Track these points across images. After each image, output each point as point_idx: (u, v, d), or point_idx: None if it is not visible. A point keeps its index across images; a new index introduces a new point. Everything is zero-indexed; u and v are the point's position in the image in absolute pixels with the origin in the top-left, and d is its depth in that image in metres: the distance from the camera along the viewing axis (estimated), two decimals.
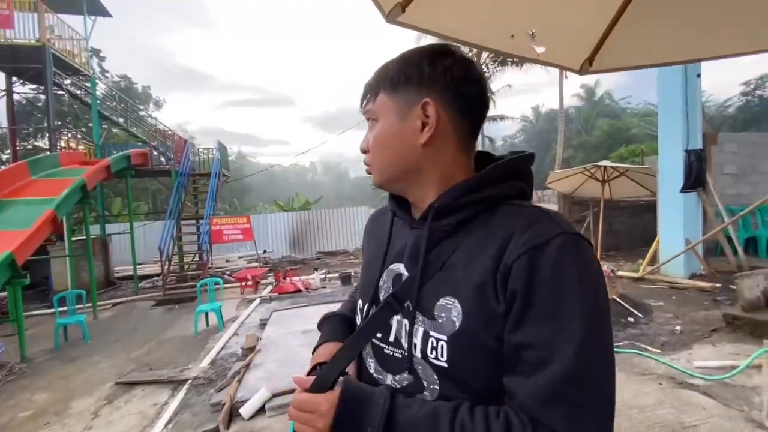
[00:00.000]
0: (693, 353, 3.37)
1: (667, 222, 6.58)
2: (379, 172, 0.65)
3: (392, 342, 0.62)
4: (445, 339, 0.55)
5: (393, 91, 0.61)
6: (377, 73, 0.65)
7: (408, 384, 0.59)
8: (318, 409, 0.56)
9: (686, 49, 1.59)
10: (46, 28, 9.11)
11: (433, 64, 0.59)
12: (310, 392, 0.59)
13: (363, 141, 0.68)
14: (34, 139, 19.96)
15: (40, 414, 3.41)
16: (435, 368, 0.56)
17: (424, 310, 0.57)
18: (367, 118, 0.66)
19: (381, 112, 0.62)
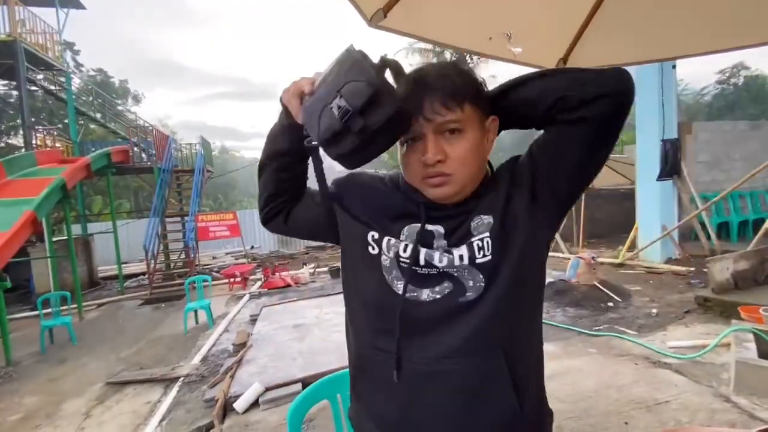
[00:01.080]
0: (667, 334, 3.55)
1: (645, 209, 6.81)
2: (462, 184, 0.68)
3: (424, 264, 0.70)
4: (487, 234, 0.68)
5: (476, 104, 0.68)
6: (451, 83, 0.66)
7: (448, 292, 0.69)
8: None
9: (656, 48, 1.67)
10: (17, 22, 8.78)
11: (485, 86, 0.72)
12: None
13: (436, 152, 0.66)
14: (7, 136, 19.30)
15: (30, 417, 3.39)
16: (481, 267, 0.67)
17: (461, 239, 0.70)
18: (442, 129, 0.66)
19: (468, 123, 0.66)
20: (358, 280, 0.77)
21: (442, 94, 0.65)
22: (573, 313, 4.43)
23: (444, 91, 0.65)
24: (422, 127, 0.66)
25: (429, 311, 0.69)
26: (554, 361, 3.19)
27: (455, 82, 0.66)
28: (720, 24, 1.44)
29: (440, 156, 0.66)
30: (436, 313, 0.68)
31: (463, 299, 0.67)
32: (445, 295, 0.68)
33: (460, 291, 0.68)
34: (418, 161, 0.68)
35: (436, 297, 0.69)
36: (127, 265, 10.53)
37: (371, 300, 0.74)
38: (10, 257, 5.05)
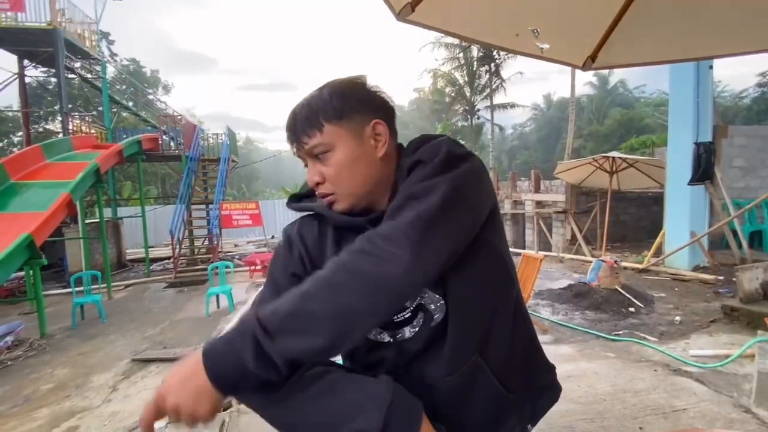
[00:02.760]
0: (690, 343, 3.44)
1: (673, 214, 6.59)
2: (349, 195, 0.71)
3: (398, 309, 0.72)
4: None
5: (339, 120, 0.69)
6: (308, 111, 0.70)
7: (422, 321, 0.72)
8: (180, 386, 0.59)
9: (690, 47, 1.62)
10: (57, 11, 9.16)
11: (365, 92, 0.73)
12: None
13: (313, 175, 0.71)
14: (45, 122, 20.24)
15: (61, 387, 3.60)
16: (433, 286, 0.70)
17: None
18: (313, 154, 0.71)
19: (335, 141, 0.69)
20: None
21: (301, 126, 0.70)
22: (592, 316, 4.35)
23: (301, 122, 0.70)
24: (301, 156, 0.74)
25: (414, 344, 0.73)
26: (570, 363, 3.15)
27: (311, 108, 0.70)
28: (759, 23, 1.39)
29: (317, 178, 0.72)
30: (420, 344, 0.73)
31: (433, 323, 0.72)
32: (421, 326, 0.73)
33: (430, 316, 0.72)
34: (311, 181, 0.74)
35: (415, 330, 0.73)
36: (153, 249, 10.94)
37: (361, 351, 0.77)
38: (47, 236, 5.34)
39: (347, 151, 0.69)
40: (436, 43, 21.09)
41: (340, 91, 0.71)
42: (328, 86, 0.72)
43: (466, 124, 24.63)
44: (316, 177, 0.71)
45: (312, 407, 0.61)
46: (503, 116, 24.75)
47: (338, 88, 0.71)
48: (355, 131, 0.70)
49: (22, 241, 4.61)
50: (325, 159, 0.70)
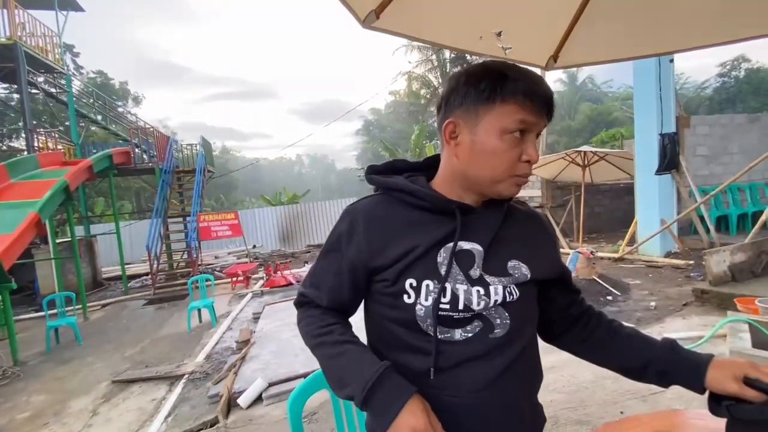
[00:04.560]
0: (665, 326, 3.59)
1: (644, 204, 6.84)
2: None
3: (461, 309, 0.71)
4: (515, 285, 0.75)
5: None
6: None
7: (479, 330, 0.73)
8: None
9: (650, 43, 1.68)
10: (17, 25, 8.83)
11: None
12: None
13: (537, 152, 0.71)
14: (9, 140, 19.40)
15: (38, 415, 3.45)
16: (507, 307, 0.73)
17: (499, 270, 0.75)
18: (538, 133, 0.71)
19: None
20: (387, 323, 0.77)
21: (547, 101, 0.69)
22: None
23: (549, 98, 0.69)
24: (535, 126, 0.69)
25: (462, 349, 0.71)
26: (552, 354, 3.21)
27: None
28: (715, 16, 1.44)
29: (536, 156, 0.71)
30: (468, 351, 0.71)
31: (492, 335, 0.72)
32: (476, 333, 0.72)
33: (490, 328, 0.72)
34: (516, 157, 0.69)
35: (468, 336, 0.72)
36: (130, 265, 10.61)
37: (403, 340, 0.74)
38: (15, 259, 5.11)
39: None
40: (408, 46, 21.28)
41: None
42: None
43: None
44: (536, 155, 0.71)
45: (330, 363, 0.75)
46: None
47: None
48: None
49: None
50: (537, 143, 0.72)
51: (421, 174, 0.82)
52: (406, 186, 0.76)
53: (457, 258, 0.73)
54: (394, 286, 0.73)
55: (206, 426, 2.80)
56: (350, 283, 0.78)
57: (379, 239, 0.75)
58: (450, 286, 0.71)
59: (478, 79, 0.69)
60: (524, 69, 0.70)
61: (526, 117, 0.67)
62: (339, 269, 0.78)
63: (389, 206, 0.78)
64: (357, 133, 38.57)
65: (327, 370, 0.76)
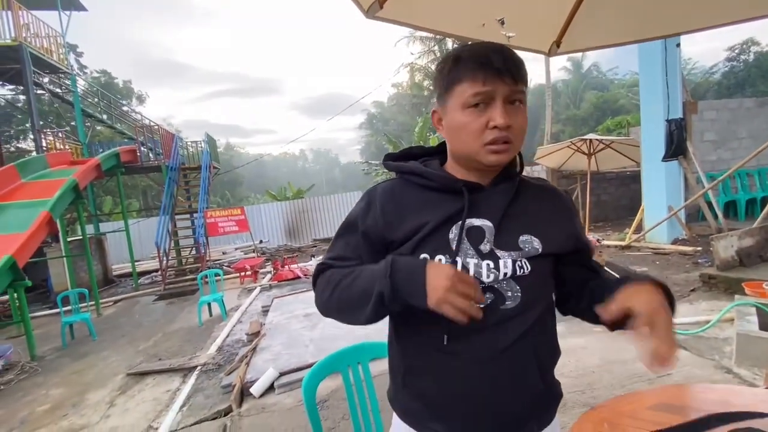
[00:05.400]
0: None
1: (651, 191, 6.79)
2: (515, 150, 0.75)
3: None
4: (527, 259, 0.77)
5: (526, 85, 0.74)
6: (519, 61, 0.72)
7: (491, 301, 0.75)
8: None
9: (654, 25, 1.67)
10: (22, 26, 8.88)
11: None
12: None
13: (504, 115, 0.69)
14: (17, 141, 19.61)
15: (57, 407, 3.55)
16: (519, 280, 0.76)
17: (510, 245, 0.77)
18: (511, 98, 0.71)
19: (525, 100, 0.74)
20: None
21: (519, 67, 0.71)
22: None
23: (520, 65, 0.71)
24: (494, 93, 0.69)
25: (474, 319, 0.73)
26: (559, 339, 3.26)
27: (520, 61, 0.73)
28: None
29: (511, 121, 0.70)
30: (481, 320, 0.72)
31: (503, 307, 0.75)
32: (488, 304, 0.75)
33: (501, 300, 0.75)
34: (482, 126, 0.70)
35: (480, 306, 0.72)
36: (139, 262, 10.76)
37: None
38: (29, 257, 5.22)
39: (525, 112, 0.75)
40: (410, 38, 21.13)
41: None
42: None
43: None
44: (507, 119, 0.69)
45: (352, 287, 0.76)
46: None
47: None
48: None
49: (4, 263, 4.50)
50: (517, 109, 0.72)
51: (435, 158, 0.86)
52: (418, 169, 0.81)
53: (468, 234, 0.76)
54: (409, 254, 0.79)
55: (220, 414, 2.87)
56: (368, 252, 0.81)
57: (393, 215, 0.79)
58: (461, 260, 0.75)
59: (440, 68, 0.77)
60: (479, 46, 0.73)
61: (479, 89, 0.70)
62: (357, 242, 0.82)
63: (404, 188, 0.82)
64: (360, 127, 38.50)
65: (351, 294, 0.76)
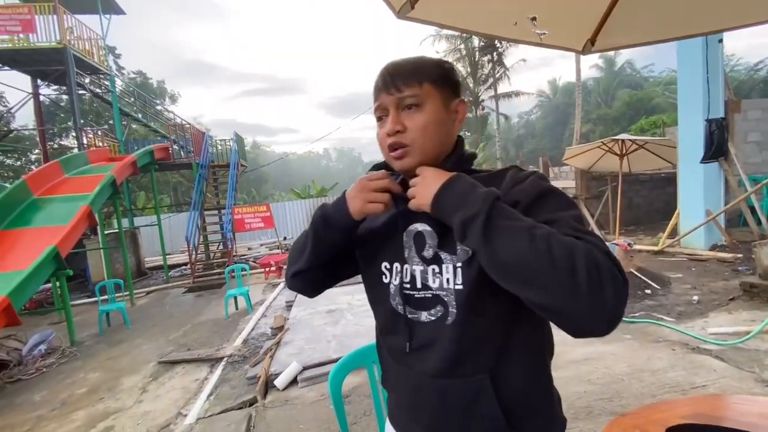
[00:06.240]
0: (708, 321, 3.43)
1: (687, 194, 6.49)
2: (422, 152, 0.73)
3: (420, 288, 0.75)
4: (460, 265, 0.71)
5: (439, 85, 0.74)
6: (413, 66, 0.74)
7: (440, 315, 0.73)
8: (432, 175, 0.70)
9: (695, 21, 1.59)
10: (66, 30, 9.38)
11: (457, 74, 0.79)
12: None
13: (395, 124, 0.72)
14: (59, 138, 20.73)
15: (94, 390, 3.75)
16: (456, 293, 0.71)
17: (450, 248, 0.73)
18: (403, 104, 0.73)
19: (428, 99, 0.73)
20: (374, 303, 0.86)
21: (402, 73, 0.73)
22: None
23: (405, 70, 0.73)
24: (386, 105, 0.74)
25: (428, 331, 0.74)
26: (587, 346, 3.17)
27: (416, 65, 0.74)
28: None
29: (399, 127, 0.72)
30: (432, 334, 0.74)
31: (447, 322, 0.72)
32: (438, 318, 0.73)
33: (446, 315, 0.72)
34: (384, 135, 0.74)
35: (431, 319, 0.74)
36: (169, 256, 11.18)
37: (383, 317, 0.83)
38: (71, 248, 5.52)
39: (436, 113, 0.73)
40: (436, 36, 20.96)
41: (442, 63, 0.77)
42: (429, 56, 0.78)
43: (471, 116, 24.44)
44: (398, 126, 0.72)
45: (299, 239, 0.85)
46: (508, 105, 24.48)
47: (440, 61, 0.78)
48: (445, 100, 0.75)
49: (48, 253, 4.79)
50: (413, 112, 0.73)
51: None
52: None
53: (415, 240, 0.77)
54: (371, 268, 0.83)
55: (245, 405, 2.95)
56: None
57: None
58: (409, 267, 0.77)
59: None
60: (384, 66, 0.76)
61: (376, 105, 0.76)
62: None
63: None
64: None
65: (297, 242, 0.86)
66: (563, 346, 3.24)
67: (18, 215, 5.81)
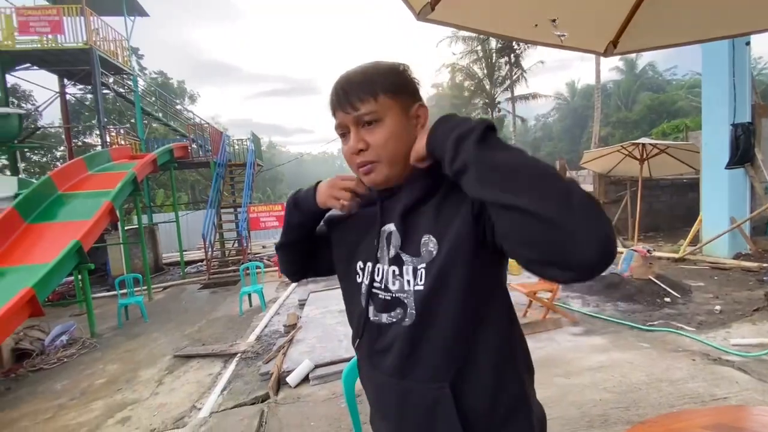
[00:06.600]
0: (731, 332, 3.33)
1: (711, 200, 6.31)
2: (389, 165, 0.72)
3: (383, 288, 0.75)
4: (424, 266, 0.70)
5: (394, 94, 0.72)
6: (363, 78, 0.71)
7: (400, 317, 0.73)
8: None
9: (721, 23, 1.55)
10: (92, 31, 9.68)
11: (412, 76, 0.76)
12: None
13: (357, 142, 0.72)
14: (83, 135, 21.37)
15: (112, 381, 3.86)
16: (416, 295, 0.70)
17: (412, 251, 0.72)
18: (361, 121, 0.71)
19: (386, 112, 0.71)
20: (347, 302, 0.87)
21: (355, 91, 0.71)
22: (625, 307, 4.25)
23: (357, 85, 0.71)
24: (345, 124, 0.73)
25: (388, 332, 0.74)
26: (602, 353, 3.12)
27: (366, 76, 0.72)
28: None
29: (362, 145, 0.71)
30: (391, 336, 0.74)
31: (404, 324, 0.72)
32: (397, 320, 0.73)
33: (404, 315, 0.72)
34: (348, 152, 0.74)
35: (392, 321, 0.74)
36: (186, 252, 11.40)
37: (353, 317, 0.84)
38: (93, 242, 5.69)
39: (397, 124, 0.72)
40: (453, 38, 20.87)
41: (395, 69, 0.74)
42: (382, 63, 0.75)
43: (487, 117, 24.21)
44: (361, 144, 0.72)
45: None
46: (525, 107, 24.16)
47: (393, 66, 0.75)
48: (404, 107, 0.73)
49: (72, 247, 4.94)
50: (373, 127, 0.71)
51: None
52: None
53: (387, 240, 0.77)
54: (347, 267, 0.84)
55: (258, 401, 2.99)
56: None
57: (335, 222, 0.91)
58: (381, 267, 0.77)
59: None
60: (337, 81, 0.74)
61: (336, 123, 0.75)
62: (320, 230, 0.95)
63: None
64: None
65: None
66: (576, 352, 3.20)
67: (44, 210, 6.02)
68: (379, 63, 0.75)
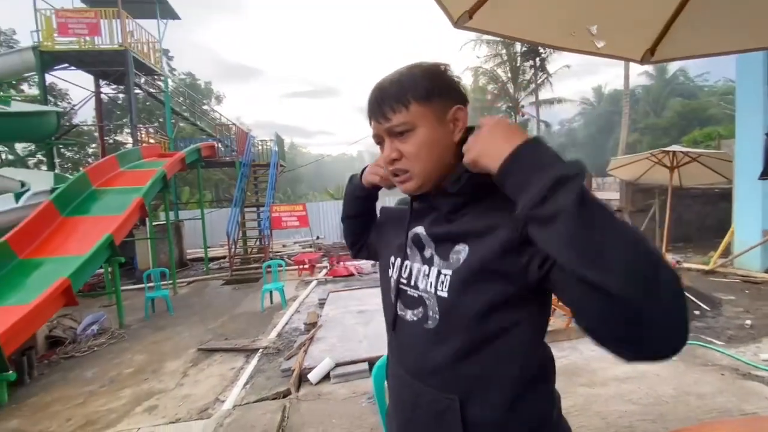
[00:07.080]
0: (761, 347, 3.21)
1: (744, 212, 6.09)
2: (423, 175, 0.72)
3: (412, 285, 0.78)
4: (450, 273, 0.70)
5: (426, 101, 0.70)
6: (397, 88, 0.70)
7: (421, 316, 0.74)
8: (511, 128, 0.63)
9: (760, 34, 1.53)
10: (127, 33, 10.07)
11: (450, 77, 0.74)
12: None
13: (390, 152, 0.72)
14: (114, 134, 22.20)
15: (140, 371, 4.00)
16: (438, 300, 0.71)
17: (443, 255, 0.73)
18: (394, 131, 0.71)
19: (419, 120, 0.70)
20: (382, 293, 0.90)
21: (387, 101, 0.71)
22: None
23: (389, 94, 0.71)
24: (380, 133, 0.74)
25: (410, 330, 0.77)
26: (628, 364, 3.05)
27: (401, 85, 0.70)
28: None
29: (395, 155, 0.72)
30: (412, 333, 0.76)
31: (426, 326, 0.73)
32: (419, 319, 0.74)
33: (426, 318, 0.73)
34: (383, 162, 0.77)
35: (414, 319, 0.76)
36: (210, 249, 11.69)
37: (384, 308, 0.88)
38: (124, 237, 5.91)
39: (429, 132, 0.70)
40: (477, 41, 20.75)
41: (430, 72, 0.72)
42: (417, 66, 0.73)
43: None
44: (394, 153, 0.72)
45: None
46: (549, 112, 23.84)
47: (429, 70, 0.72)
48: (439, 113, 0.71)
49: (104, 240, 5.16)
50: (406, 137, 0.71)
51: None
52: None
53: (415, 240, 0.81)
54: (383, 258, 0.91)
55: (280, 396, 3.06)
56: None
57: (382, 220, 1.01)
58: (409, 263, 0.81)
59: None
60: (372, 90, 0.75)
61: (372, 134, 0.77)
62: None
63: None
64: None
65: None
66: (601, 362, 3.14)
67: (78, 204, 6.29)
68: (415, 66, 0.73)
